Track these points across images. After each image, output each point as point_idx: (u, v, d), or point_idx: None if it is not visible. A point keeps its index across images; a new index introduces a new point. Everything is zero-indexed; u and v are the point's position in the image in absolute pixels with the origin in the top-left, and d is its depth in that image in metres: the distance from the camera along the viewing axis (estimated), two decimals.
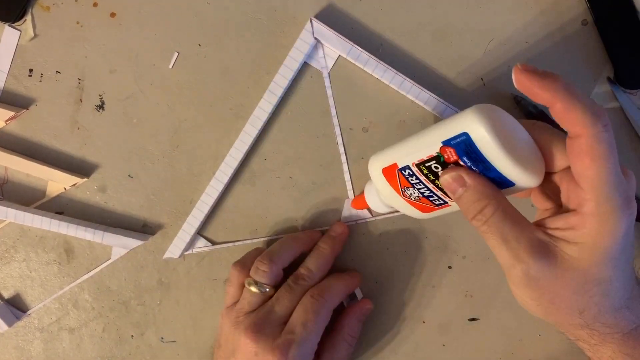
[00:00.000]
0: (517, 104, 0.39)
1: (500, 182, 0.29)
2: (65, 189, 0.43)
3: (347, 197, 0.41)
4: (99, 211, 0.43)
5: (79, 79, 0.42)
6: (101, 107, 0.42)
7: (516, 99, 0.39)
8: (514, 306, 0.42)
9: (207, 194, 0.41)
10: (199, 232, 0.42)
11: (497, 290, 0.41)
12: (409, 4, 0.40)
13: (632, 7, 0.38)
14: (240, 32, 0.41)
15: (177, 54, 0.41)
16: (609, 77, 0.39)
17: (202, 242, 0.42)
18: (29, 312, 0.44)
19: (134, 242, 0.42)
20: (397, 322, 0.42)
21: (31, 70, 0.42)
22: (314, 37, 0.39)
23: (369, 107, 0.40)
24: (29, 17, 0.42)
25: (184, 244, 0.42)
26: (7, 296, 0.44)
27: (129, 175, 0.43)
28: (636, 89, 0.39)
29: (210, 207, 0.41)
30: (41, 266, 0.44)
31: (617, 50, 0.38)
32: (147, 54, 0.41)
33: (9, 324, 0.43)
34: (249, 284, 0.37)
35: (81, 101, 0.42)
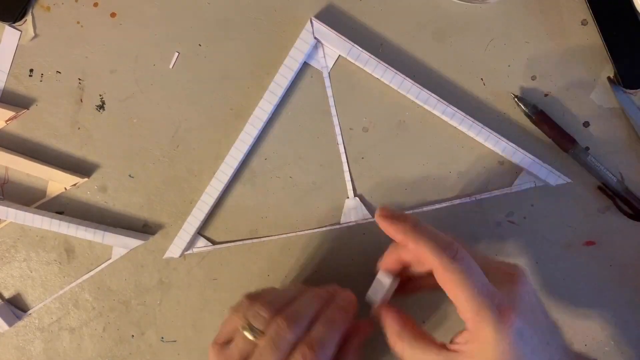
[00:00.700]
0: (517, 104, 0.39)
1: None
2: (65, 188, 0.43)
3: (347, 197, 0.41)
4: (100, 211, 0.43)
5: (80, 79, 0.42)
6: (101, 107, 0.42)
7: (516, 99, 0.39)
8: None
9: (207, 194, 0.41)
10: (199, 232, 0.42)
11: None
12: (409, 4, 0.40)
13: (632, 7, 0.38)
14: (240, 32, 0.41)
15: (177, 54, 0.41)
16: (609, 77, 0.39)
17: (202, 242, 0.42)
18: (29, 312, 0.44)
19: (134, 242, 0.42)
20: None
21: (32, 70, 0.42)
22: (314, 37, 0.39)
23: (369, 107, 0.40)
24: (29, 17, 0.42)
25: (184, 244, 0.42)
26: (7, 296, 0.44)
27: (130, 175, 0.43)
28: (636, 89, 0.39)
29: (210, 207, 0.41)
30: (42, 266, 0.44)
31: (617, 50, 0.38)
32: (147, 54, 0.42)
33: (10, 324, 0.44)
34: (243, 328, 0.33)
35: (81, 101, 0.42)
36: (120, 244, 0.42)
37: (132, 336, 0.43)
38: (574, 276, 0.41)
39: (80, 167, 0.43)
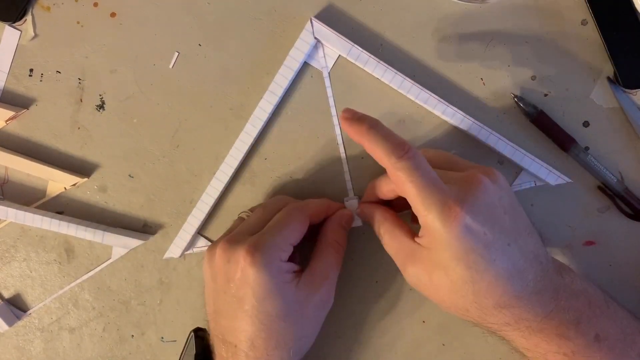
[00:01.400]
0: (516, 104, 0.39)
1: None
2: (65, 188, 0.43)
3: (347, 197, 0.41)
4: (99, 211, 0.43)
5: (80, 79, 0.42)
6: (101, 107, 0.42)
7: (516, 99, 0.39)
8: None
9: (207, 194, 0.41)
10: (200, 232, 0.42)
11: None
12: (409, 4, 0.40)
13: (632, 7, 0.38)
14: (240, 32, 0.41)
15: (177, 54, 0.41)
16: (609, 77, 0.39)
17: (202, 242, 0.42)
18: (29, 312, 0.44)
19: (134, 242, 0.42)
20: (397, 322, 0.42)
21: (31, 70, 0.42)
22: (314, 37, 0.39)
23: (369, 107, 0.40)
24: (29, 17, 0.42)
25: (184, 244, 0.42)
26: (7, 296, 0.44)
27: (130, 175, 0.43)
28: (636, 89, 0.39)
29: (210, 207, 0.41)
30: (41, 266, 0.44)
31: (617, 50, 0.38)
32: (147, 54, 0.42)
33: (10, 324, 0.44)
34: (240, 214, 0.37)
35: (81, 101, 0.42)
36: (120, 244, 0.42)
37: (132, 336, 0.43)
38: None
39: (80, 167, 0.43)
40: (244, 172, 0.42)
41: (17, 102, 0.43)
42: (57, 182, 0.42)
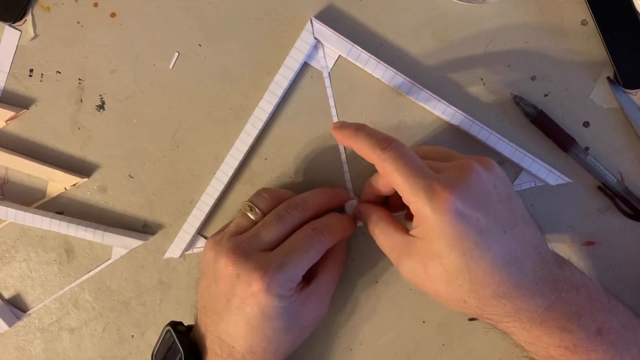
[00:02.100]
0: (516, 104, 0.39)
1: None
2: (65, 189, 0.43)
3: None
4: (99, 211, 0.43)
5: (80, 79, 0.42)
6: (101, 107, 0.42)
7: (516, 99, 0.39)
8: None
9: (207, 194, 0.41)
10: (200, 232, 0.42)
11: None
12: (409, 4, 0.40)
13: (632, 7, 0.38)
14: (240, 32, 0.41)
15: (177, 54, 0.41)
16: (609, 77, 0.39)
17: (202, 242, 0.42)
18: (29, 312, 0.44)
19: (134, 242, 0.42)
20: (397, 322, 0.42)
21: (31, 70, 0.42)
22: (314, 37, 0.39)
23: (369, 107, 0.40)
24: (29, 17, 0.42)
25: (184, 244, 0.42)
26: (7, 296, 0.44)
27: (130, 175, 0.43)
28: (636, 89, 0.39)
29: (210, 207, 0.41)
30: (41, 266, 0.44)
31: (617, 50, 0.38)
32: (147, 54, 0.42)
33: (10, 324, 0.44)
34: (243, 207, 0.36)
35: (81, 101, 0.42)
36: (120, 244, 0.42)
37: (132, 336, 0.43)
38: None
39: (80, 167, 0.43)
40: (244, 172, 0.42)
41: (17, 102, 0.43)
42: (57, 182, 0.42)
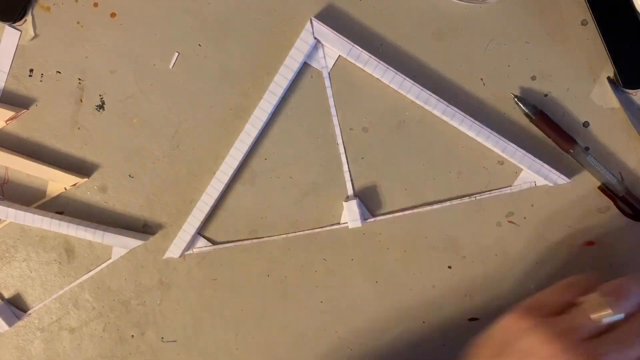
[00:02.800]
0: (516, 104, 0.39)
1: None
2: (65, 189, 0.43)
3: (347, 197, 0.41)
4: (99, 211, 0.43)
5: (80, 79, 0.42)
6: (101, 107, 0.42)
7: (516, 99, 0.39)
8: (513, 306, 0.42)
9: (207, 194, 0.41)
10: (199, 232, 0.42)
11: (497, 290, 0.41)
12: (409, 4, 0.40)
13: (632, 7, 0.38)
14: (240, 32, 0.41)
15: (177, 54, 0.41)
16: (609, 77, 0.39)
17: (202, 242, 0.42)
18: (29, 312, 0.44)
19: (134, 242, 0.42)
20: (397, 322, 0.42)
21: (31, 70, 0.42)
22: (314, 37, 0.39)
23: (369, 107, 0.40)
24: (29, 17, 0.42)
25: (184, 244, 0.42)
26: (7, 296, 0.44)
27: (130, 175, 0.43)
28: (636, 89, 0.39)
29: (210, 207, 0.41)
30: (41, 266, 0.44)
31: (617, 50, 0.38)
32: (147, 54, 0.41)
33: (10, 324, 0.44)
34: (600, 305, 0.29)
35: (81, 101, 0.42)
36: (120, 244, 0.42)
37: (132, 336, 0.43)
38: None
39: (80, 167, 0.43)
40: (244, 172, 0.42)
41: (17, 102, 0.43)
42: (57, 182, 0.42)
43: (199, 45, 0.41)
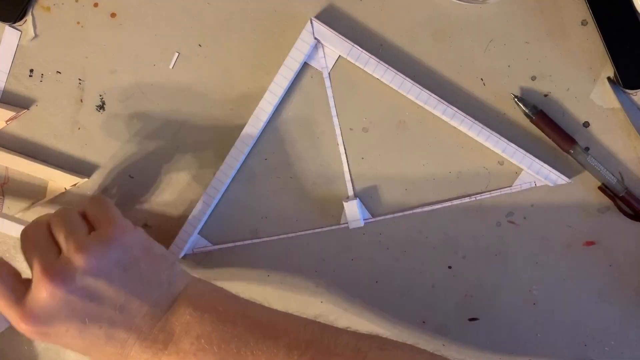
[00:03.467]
0: (517, 104, 0.39)
1: None
2: (65, 189, 0.43)
3: (347, 197, 0.41)
4: None
5: (80, 79, 0.42)
6: (102, 107, 0.42)
7: (516, 99, 0.39)
8: (513, 306, 0.42)
9: (207, 194, 0.41)
10: (199, 232, 0.42)
11: (497, 290, 0.41)
12: (409, 4, 0.40)
13: (632, 7, 0.38)
14: (240, 32, 0.41)
15: (177, 54, 0.41)
16: (609, 77, 0.39)
17: (202, 242, 0.42)
18: None
19: None
20: (397, 322, 0.42)
21: (32, 70, 0.42)
22: (314, 37, 0.39)
23: (369, 107, 0.41)
24: (29, 17, 0.42)
25: (184, 244, 0.42)
26: None
27: (130, 175, 0.43)
28: (636, 89, 0.39)
29: (210, 207, 0.41)
30: None
31: (617, 50, 0.38)
32: (147, 54, 0.41)
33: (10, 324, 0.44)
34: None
35: (82, 101, 0.42)
36: None
37: None
38: (574, 276, 0.41)
39: (80, 168, 0.43)
40: (244, 172, 0.42)
41: (17, 102, 0.43)
42: (57, 182, 0.42)
43: (199, 45, 0.41)
